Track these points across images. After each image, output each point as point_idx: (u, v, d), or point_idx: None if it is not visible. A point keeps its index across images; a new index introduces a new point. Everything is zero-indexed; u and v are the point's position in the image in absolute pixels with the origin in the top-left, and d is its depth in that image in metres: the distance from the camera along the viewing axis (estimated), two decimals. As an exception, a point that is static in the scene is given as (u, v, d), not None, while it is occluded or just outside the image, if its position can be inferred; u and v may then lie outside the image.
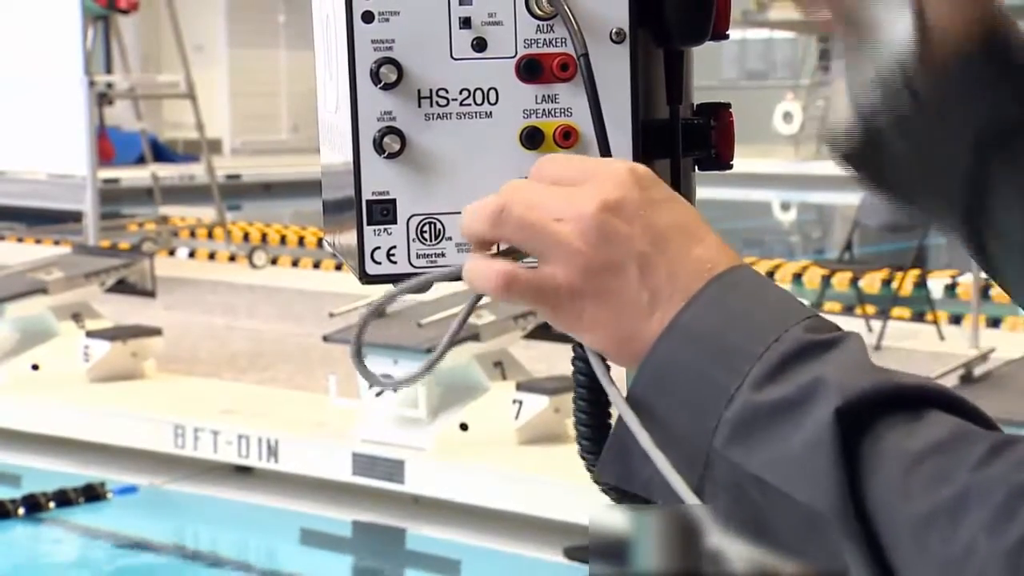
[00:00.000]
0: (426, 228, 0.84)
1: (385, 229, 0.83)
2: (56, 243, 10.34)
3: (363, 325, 0.81)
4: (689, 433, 0.71)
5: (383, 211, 0.83)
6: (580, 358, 0.83)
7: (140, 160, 11.83)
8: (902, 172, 0.89)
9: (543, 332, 5.18)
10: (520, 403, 4.93)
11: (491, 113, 0.83)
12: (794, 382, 0.69)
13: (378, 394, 5.07)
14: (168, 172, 12.54)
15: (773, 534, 0.70)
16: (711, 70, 19.02)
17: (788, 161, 15.19)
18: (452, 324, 0.83)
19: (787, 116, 17.34)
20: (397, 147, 0.82)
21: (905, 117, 0.85)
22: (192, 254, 10.54)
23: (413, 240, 0.84)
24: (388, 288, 0.82)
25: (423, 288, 0.80)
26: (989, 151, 0.87)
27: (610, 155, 0.81)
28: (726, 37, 0.89)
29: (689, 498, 0.70)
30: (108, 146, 10.93)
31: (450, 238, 0.84)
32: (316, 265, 10.02)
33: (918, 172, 0.89)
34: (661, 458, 0.71)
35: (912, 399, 0.68)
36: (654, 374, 0.72)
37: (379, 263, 0.84)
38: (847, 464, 0.66)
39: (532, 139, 0.83)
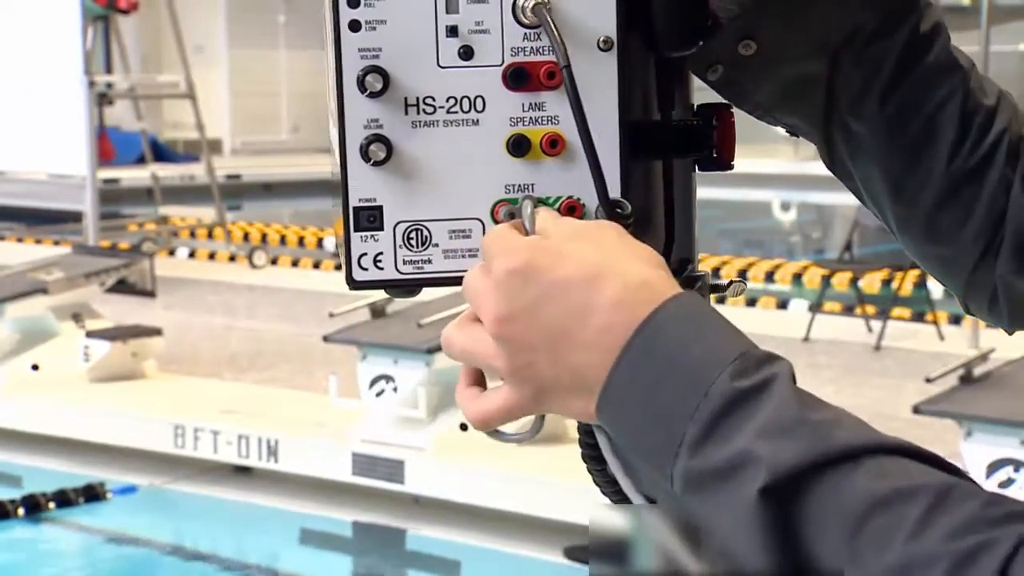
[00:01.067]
0: (412, 235, 0.84)
1: (372, 236, 0.84)
2: (56, 243, 10.34)
3: None
4: (656, 478, 0.75)
5: (370, 218, 0.84)
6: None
7: (140, 160, 11.83)
8: (763, 83, 0.90)
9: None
10: (519, 403, 4.93)
11: (478, 121, 0.83)
12: (724, 450, 0.70)
13: (378, 395, 5.07)
14: (168, 172, 12.54)
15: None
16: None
17: (788, 161, 15.19)
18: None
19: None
20: (383, 155, 0.82)
21: (759, 26, 0.88)
22: (192, 254, 10.54)
23: (400, 247, 0.84)
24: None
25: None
26: (839, 54, 0.91)
27: (598, 164, 0.81)
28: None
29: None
30: (108, 146, 10.93)
31: (436, 244, 0.84)
32: (316, 265, 10.02)
33: (778, 82, 0.91)
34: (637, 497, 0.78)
35: (842, 456, 0.68)
36: (612, 437, 0.79)
37: (366, 269, 0.84)
38: (784, 538, 0.68)
39: (519, 147, 0.83)
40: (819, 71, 0.91)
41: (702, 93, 0.93)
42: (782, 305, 8.41)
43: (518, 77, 0.83)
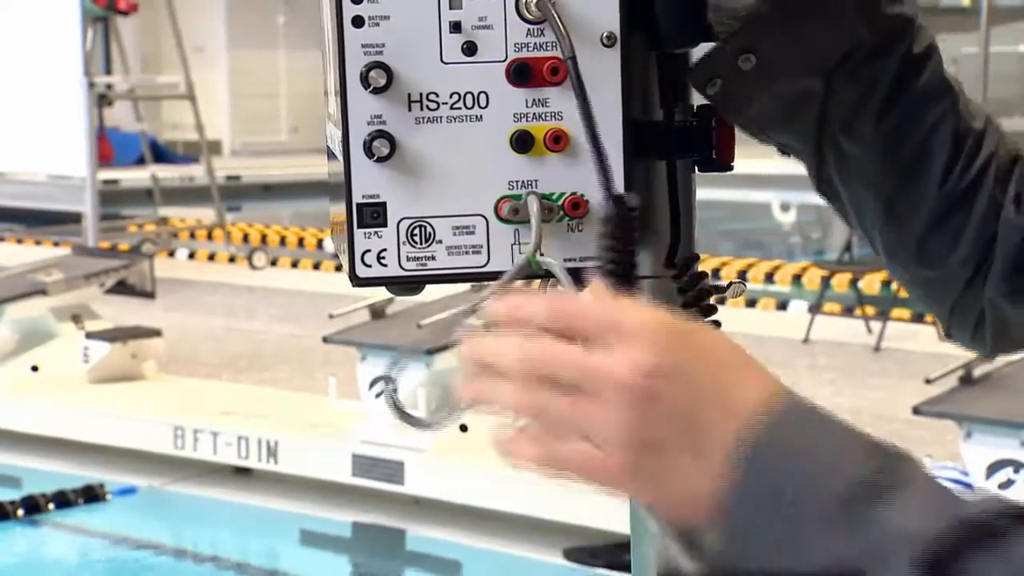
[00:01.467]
0: (416, 231, 0.84)
1: (376, 232, 0.84)
2: (56, 244, 10.33)
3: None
4: None
5: (373, 214, 0.83)
6: None
7: (140, 161, 11.82)
8: (760, 98, 0.90)
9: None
10: (519, 404, 4.93)
11: (481, 117, 0.83)
12: (860, 536, 0.66)
13: (378, 395, 5.07)
14: (168, 173, 12.53)
15: None
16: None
17: (788, 162, 15.17)
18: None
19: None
20: (387, 151, 0.82)
21: (759, 41, 0.88)
22: (192, 255, 10.54)
23: (403, 243, 0.84)
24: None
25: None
26: (836, 72, 0.91)
27: (603, 157, 0.81)
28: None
29: None
30: (107, 147, 10.93)
31: (440, 241, 0.84)
32: (316, 266, 10.02)
33: (774, 98, 0.90)
34: None
35: (988, 527, 0.66)
36: (731, 534, 0.69)
37: (369, 266, 0.84)
38: None
39: (522, 142, 0.83)
40: (815, 88, 0.91)
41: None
42: (782, 306, 8.41)
43: (521, 73, 0.83)
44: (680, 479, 0.69)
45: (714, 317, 0.89)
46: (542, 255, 0.82)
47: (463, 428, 4.98)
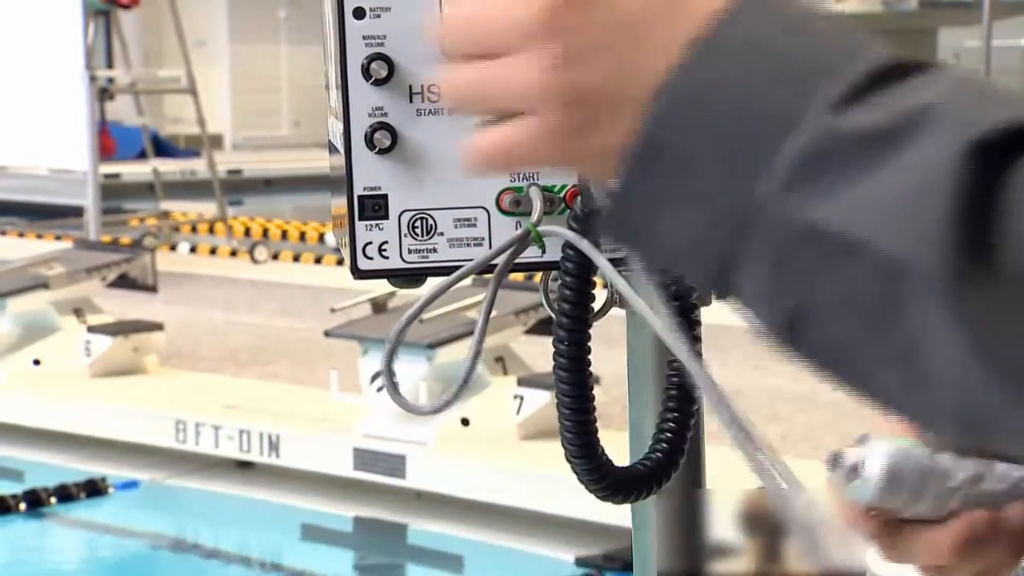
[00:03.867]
0: (418, 223, 0.84)
1: (377, 224, 0.84)
2: (57, 238, 10.33)
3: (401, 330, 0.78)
4: (720, 180, 0.54)
5: (375, 206, 0.83)
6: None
7: (141, 155, 11.81)
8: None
9: (544, 327, 5.18)
10: (521, 398, 4.93)
11: (483, 108, 0.83)
12: (889, 108, 0.52)
13: (379, 389, 5.07)
14: (169, 167, 12.53)
15: (823, 308, 0.53)
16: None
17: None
18: (476, 333, 0.82)
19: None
20: (388, 143, 0.82)
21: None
22: (193, 249, 10.54)
23: (405, 235, 0.84)
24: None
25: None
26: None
27: None
28: None
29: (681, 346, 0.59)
30: (109, 141, 10.93)
31: (441, 233, 0.84)
32: (317, 260, 10.02)
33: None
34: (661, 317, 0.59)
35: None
36: (671, 103, 0.55)
37: (371, 258, 0.84)
38: (975, 207, 0.50)
39: (524, 134, 0.83)
40: None
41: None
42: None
43: (523, 64, 0.83)
44: (612, 116, 0.57)
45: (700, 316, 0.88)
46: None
47: (464, 422, 4.98)
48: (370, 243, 0.84)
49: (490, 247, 0.84)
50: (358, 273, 0.85)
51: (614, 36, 0.56)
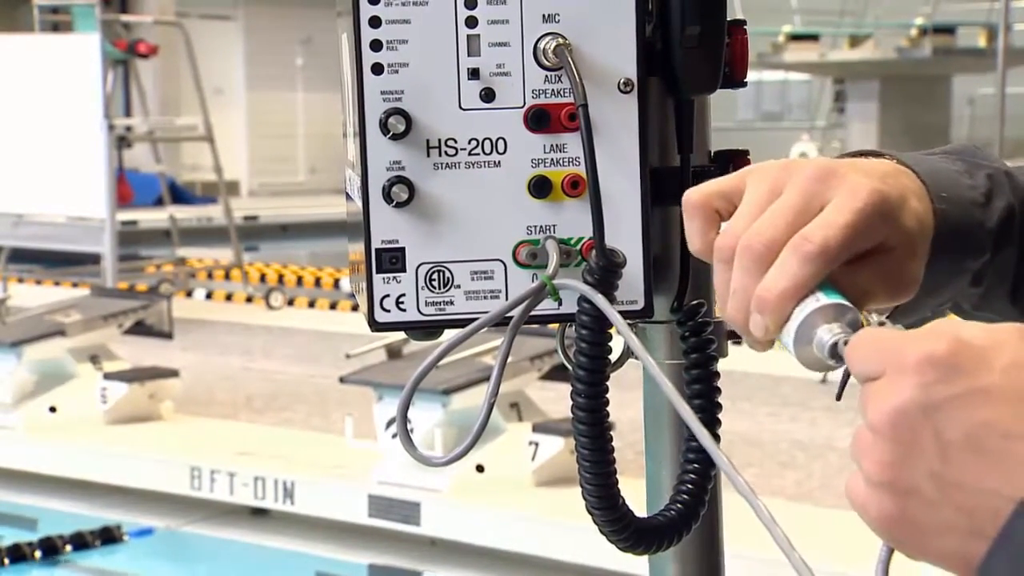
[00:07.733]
0: (435, 276, 0.84)
1: (394, 277, 0.84)
2: (74, 285, 10.37)
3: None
4: None
5: (392, 259, 0.84)
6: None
7: (158, 202, 11.88)
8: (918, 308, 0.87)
9: (559, 373, 5.17)
10: (536, 444, 4.92)
11: (499, 162, 0.84)
12: None
13: (394, 436, 5.06)
14: (186, 214, 12.59)
15: None
16: (727, 112, 19.07)
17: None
18: (490, 385, 0.83)
19: (803, 157, 17.32)
20: (405, 196, 0.83)
21: None
22: (209, 295, 10.57)
23: (422, 288, 0.84)
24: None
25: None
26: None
27: (599, 204, 0.81)
28: (744, 84, 0.89)
29: None
30: (126, 189, 10.99)
31: (458, 286, 0.84)
32: (333, 306, 10.04)
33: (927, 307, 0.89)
34: None
35: None
36: None
37: (388, 311, 0.85)
38: None
39: (540, 188, 0.84)
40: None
41: (718, 135, 0.93)
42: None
43: (539, 119, 0.84)
44: (944, 535, 0.60)
45: (718, 368, 0.88)
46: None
47: (479, 468, 4.97)
48: (387, 296, 0.84)
49: (506, 299, 0.84)
50: (375, 325, 0.85)
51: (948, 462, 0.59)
